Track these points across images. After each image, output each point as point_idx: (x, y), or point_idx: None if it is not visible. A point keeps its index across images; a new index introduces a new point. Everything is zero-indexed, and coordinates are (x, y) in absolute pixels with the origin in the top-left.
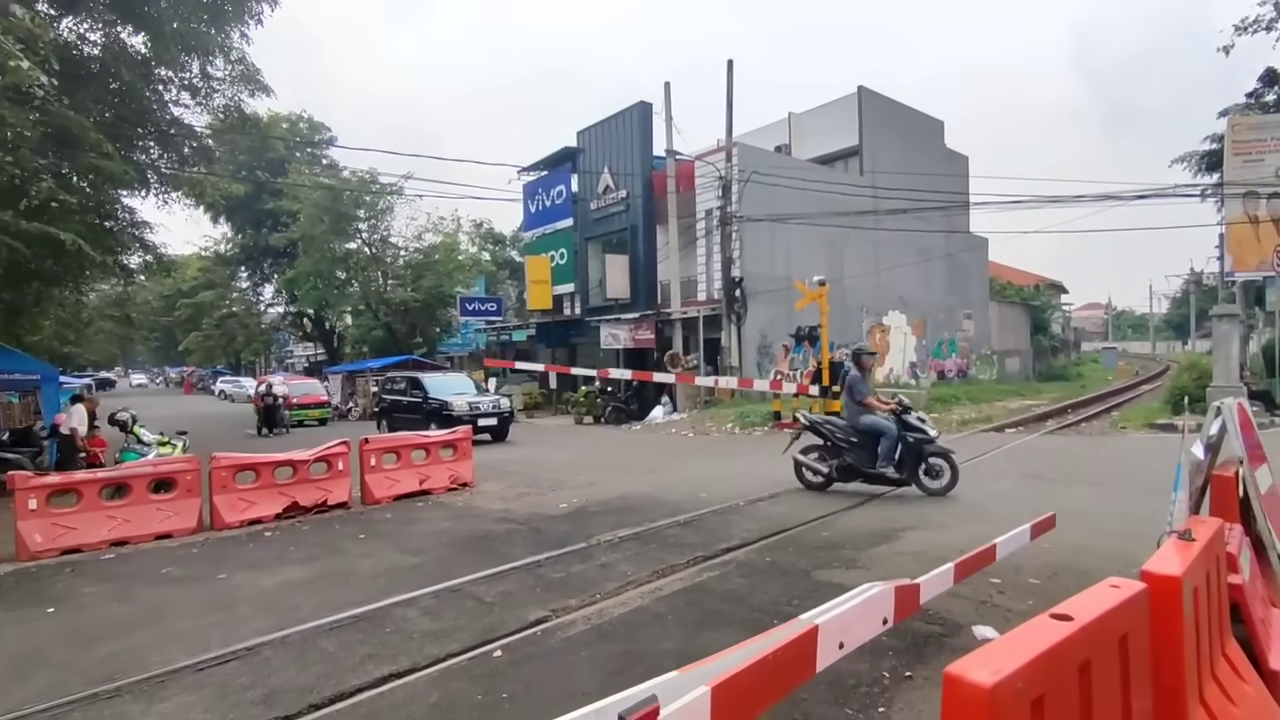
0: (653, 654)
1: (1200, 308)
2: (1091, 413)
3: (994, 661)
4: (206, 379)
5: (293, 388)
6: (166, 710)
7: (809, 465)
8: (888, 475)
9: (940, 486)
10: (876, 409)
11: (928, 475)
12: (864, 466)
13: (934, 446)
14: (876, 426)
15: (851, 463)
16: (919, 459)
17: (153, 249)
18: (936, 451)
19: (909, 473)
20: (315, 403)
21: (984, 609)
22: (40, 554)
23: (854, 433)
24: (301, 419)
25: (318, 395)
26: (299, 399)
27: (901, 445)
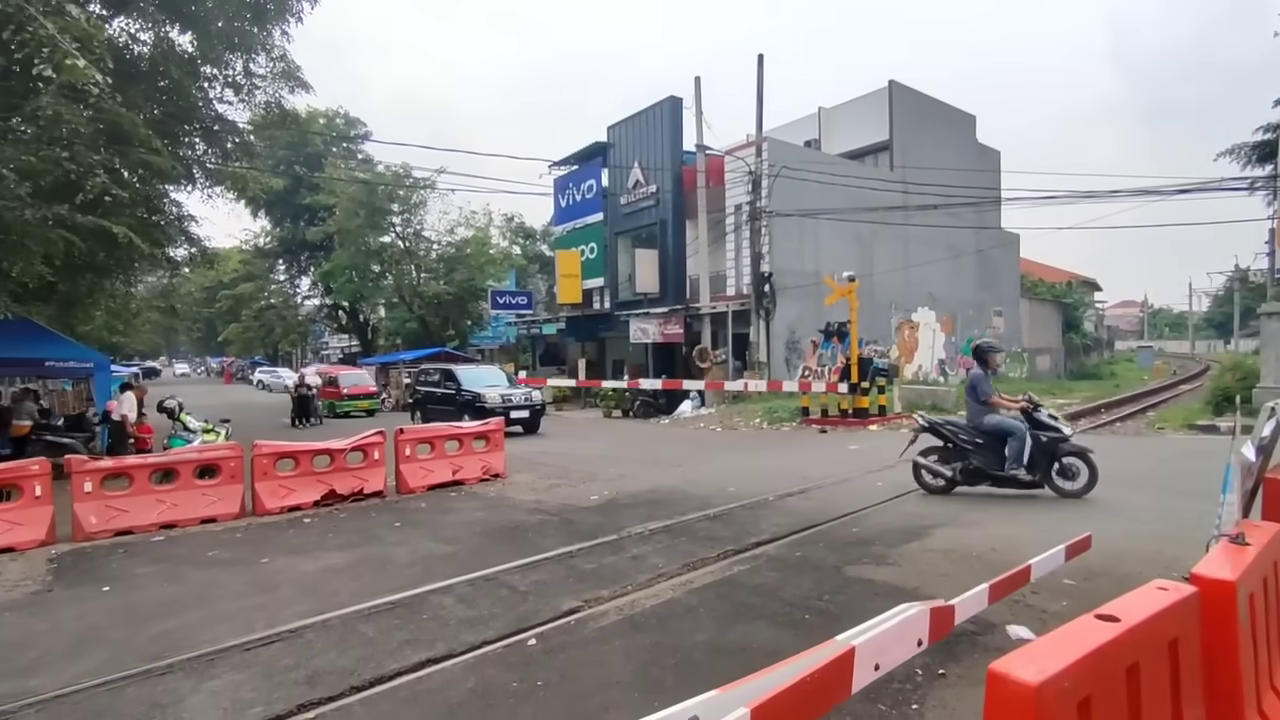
0: (685, 646)
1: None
2: (1126, 412)
3: (1039, 660)
4: (245, 369)
5: (343, 378)
6: (216, 688)
7: (929, 468)
8: (1019, 478)
9: (1077, 488)
10: (1003, 408)
11: (1062, 476)
12: (991, 469)
13: (1069, 445)
14: (1003, 426)
15: (979, 465)
16: (1052, 459)
17: (197, 242)
18: (1072, 450)
19: (1041, 474)
20: (365, 393)
21: (1017, 609)
22: (95, 535)
23: (978, 434)
24: (349, 409)
25: (367, 386)
26: (349, 389)
27: (1033, 445)
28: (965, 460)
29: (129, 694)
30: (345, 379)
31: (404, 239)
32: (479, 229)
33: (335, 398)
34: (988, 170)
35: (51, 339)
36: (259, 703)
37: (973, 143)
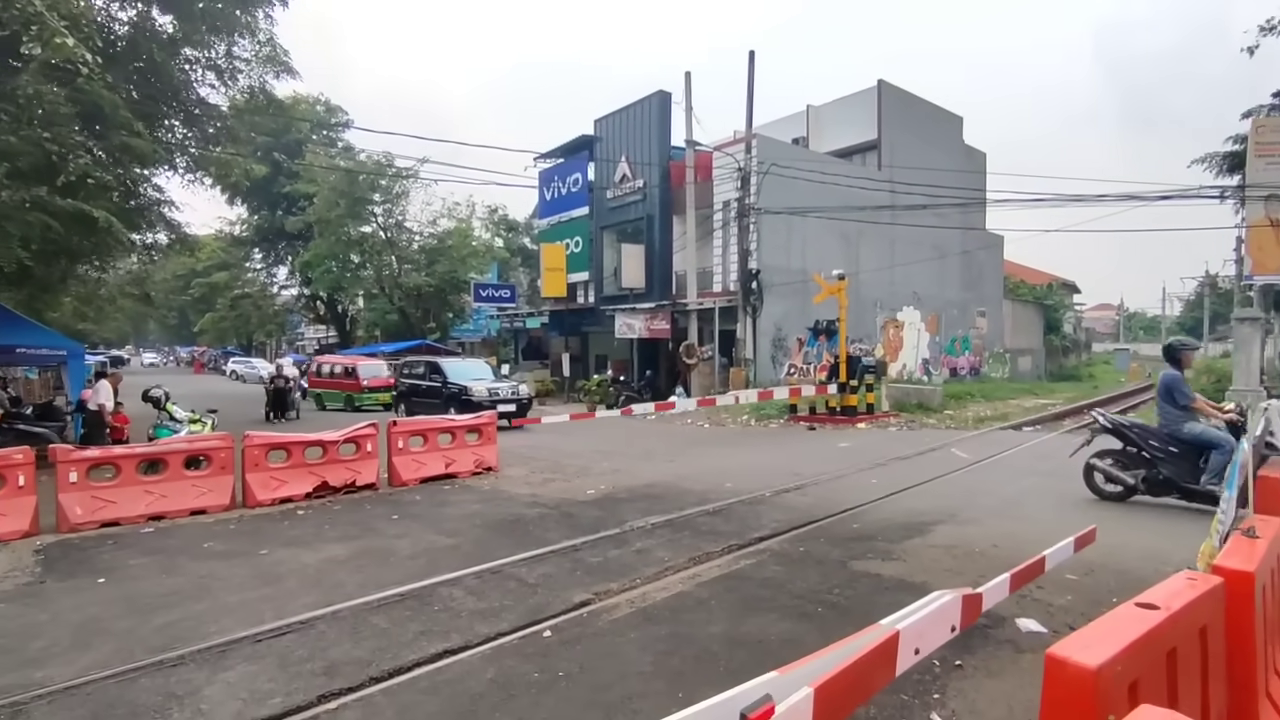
0: (701, 637)
1: (1214, 311)
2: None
3: (1092, 645)
4: (217, 359)
5: (363, 369)
6: (232, 679)
7: (1107, 472)
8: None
9: None
10: (1208, 415)
11: None
12: (1184, 481)
13: None
14: (1207, 438)
15: (1168, 476)
16: None
17: (176, 227)
18: None
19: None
20: (385, 385)
21: (1024, 603)
22: (80, 525)
23: (1173, 442)
24: (366, 403)
25: (386, 378)
26: (368, 381)
27: None
28: (1152, 469)
29: (142, 685)
30: (365, 370)
31: (385, 229)
32: (461, 220)
33: (354, 390)
34: (974, 171)
35: (23, 325)
36: (278, 693)
37: (959, 144)
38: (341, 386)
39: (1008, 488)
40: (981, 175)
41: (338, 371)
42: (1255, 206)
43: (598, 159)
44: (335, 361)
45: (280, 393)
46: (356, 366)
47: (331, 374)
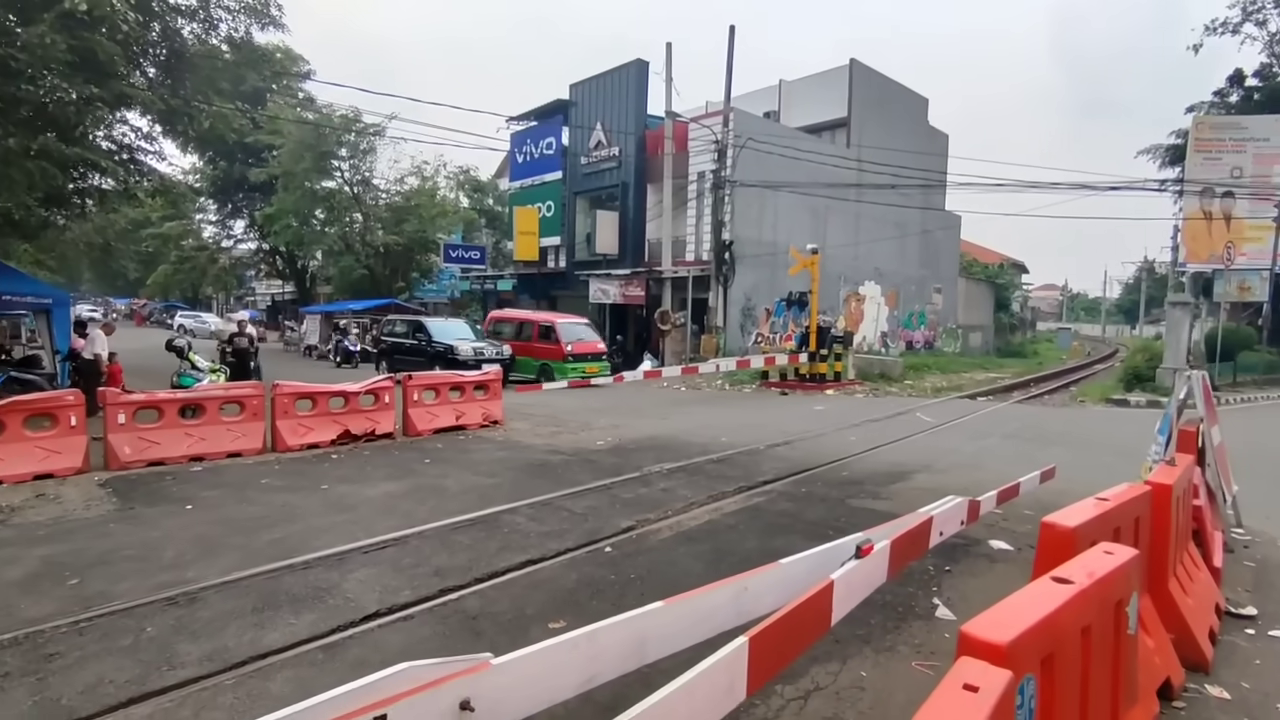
0: (739, 550)
1: (1150, 295)
2: (1052, 387)
3: (1075, 517)
4: (158, 312)
5: (565, 330)
6: (361, 577)
7: None
8: None
9: None
10: None
11: None
12: None
13: None
14: None
15: None
16: None
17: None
18: None
19: None
20: (595, 352)
21: (993, 530)
22: (129, 464)
23: None
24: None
25: (595, 342)
26: (573, 346)
27: None
28: None
29: (287, 581)
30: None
31: (351, 185)
32: (428, 179)
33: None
34: (936, 154)
35: (6, 272)
36: (404, 588)
37: (924, 125)
38: (532, 352)
39: (970, 446)
40: (943, 157)
41: (524, 333)
42: (1191, 199)
43: (572, 124)
44: (518, 318)
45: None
46: (555, 326)
47: (518, 335)
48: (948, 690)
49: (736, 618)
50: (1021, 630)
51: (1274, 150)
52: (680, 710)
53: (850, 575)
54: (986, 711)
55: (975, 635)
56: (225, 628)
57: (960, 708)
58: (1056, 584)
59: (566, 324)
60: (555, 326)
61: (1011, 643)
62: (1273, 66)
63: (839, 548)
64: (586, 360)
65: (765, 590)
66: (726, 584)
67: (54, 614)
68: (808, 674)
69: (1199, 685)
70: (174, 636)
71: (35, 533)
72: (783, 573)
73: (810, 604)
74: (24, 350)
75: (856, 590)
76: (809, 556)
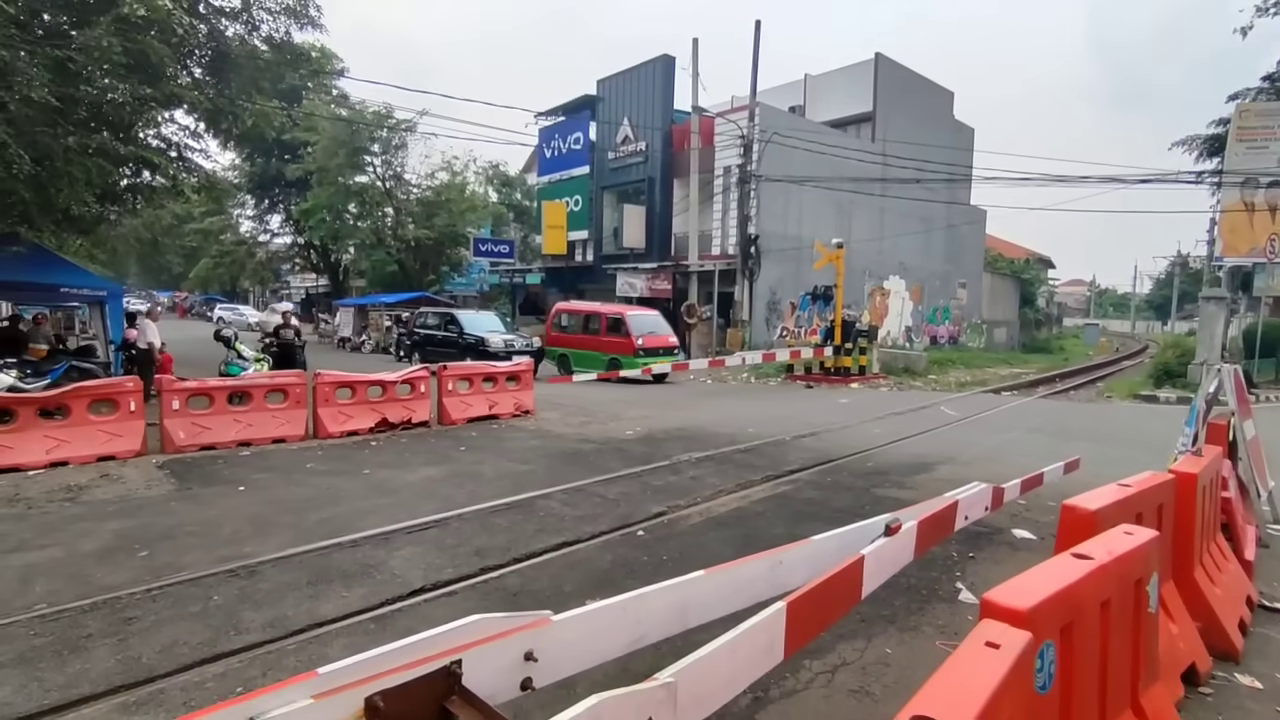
0: (767, 535)
1: (1183, 290)
2: (1078, 382)
3: (1096, 501)
4: (199, 305)
5: (635, 322)
6: (406, 555)
7: None
8: None
9: None
10: None
11: None
12: None
13: None
14: None
15: None
16: None
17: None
18: None
19: None
20: (665, 346)
21: (1016, 519)
22: (183, 448)
23: None
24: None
25: (667, 336)
26: (643, 340)
27: None
28: None
29: (336, 558)
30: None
31: (384, 180)
32: (458, 174)
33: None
34: (962, 148)
35: (64, 265)
36: (447, 566)
37: (950, 119)
38: (600, 346)
39: (992, 439)
40: (969, 151)
41: (590, 326)
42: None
43: (599, 120)
44: (585, 310)
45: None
46: (625, 318)
47: (584, 328)
48: (970, 647)
49: (771, 589)
50: (1042, 598)
51: None
52: (724, 665)
53: (880, 551)
54: (1007, 666)
55: (997, 601)
56: (284, 598)
57: (982, 662)
58: (1076, 559)
59: (637, 316)
60: (625, 319)
61: (1032, 609)
62: None
63: (868, 526)
64: (658, 354)
65: (798, 564)
66: (762, 557)
67: (128, 582)
68: (835, 650)
69: (1228, 674)
70: (238, 605)
71: (105, 509)
72: (815, 548)
73: (843, 575)
74: (78, 341)
75: (885, 566)
76: (840, 534)
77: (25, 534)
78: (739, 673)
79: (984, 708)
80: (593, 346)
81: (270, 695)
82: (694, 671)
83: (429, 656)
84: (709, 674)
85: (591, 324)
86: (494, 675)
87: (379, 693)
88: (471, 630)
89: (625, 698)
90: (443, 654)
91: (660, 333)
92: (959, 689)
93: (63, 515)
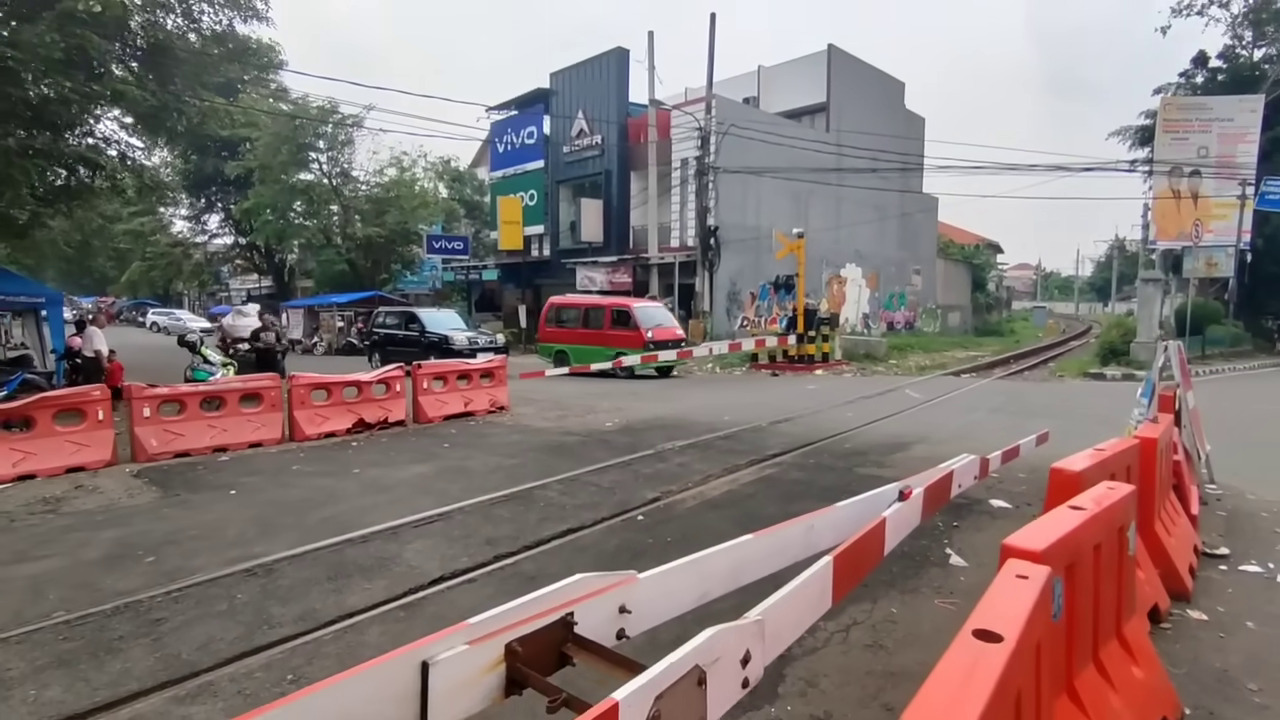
0: (763, 514)
1: (1122, 272)
2: (1031, 363)
3: (1079, 464)
4: (127, 310)
5: (643, 314)
6: (419, 548)
7: None
8: None
9: None
10: None
11: None
12: None
13: None
14: None
15: None
16: None
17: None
18: None
19: None
20: (674, 339)
21: (992, 490)
22: (156, 456)
23: None
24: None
25: (675, 329)
26: (653, 332)
27: None
28: None
29: (350, 554)
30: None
31: (330, 178)
32: (406, 169)
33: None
34: (913, 138)
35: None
36: (461, 556)
37: (901, 108)
38: (605, 340)
39: (959, 419)
40: (920, 141)
41: (592, 320)
42: (1160, 179)
43: (553, 113)
44: (585, 304)
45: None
46: (632, 311)
47: (585, 322)
48: (1004, 580)
49: (805, 550)
50: (1052, 541)
51: (1238, 130)
52: (792, 609)
53: (896, 515)
54: (1037, 592)
55: (1017, 545)
56: (308, 593)
57: (1018, 590)
58: (1073, 510)
59: (645, 308)
60: (632, 311)
61: (1047, 549)
62: (1235, 48)
63: (881, 495)
64: (667, 347)
65: (826, 528)
66: (797, 522)
67: (142, 587)
68: (845, 612)
69: (1181, 610)
70: (265, 601)
71: (94, 519)
72: (838, 514)
73: (870, 536)
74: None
75: (900, 528)
76: (858, 501)
77: (20, 546)
78: (803, 615)
79: (1025, 624)
80: (596, 341)
81: (434, 643)
82: (774, 612)
83: (547, 610)
84: (783, 615)
85: (593, 318)
86: (597, 625)
87: (516, 639)
88: (577, 587)
89: (731, 630)
90: (557, 608)
91: (668, 324)
92: (1004, 609)
93: (52, 526)
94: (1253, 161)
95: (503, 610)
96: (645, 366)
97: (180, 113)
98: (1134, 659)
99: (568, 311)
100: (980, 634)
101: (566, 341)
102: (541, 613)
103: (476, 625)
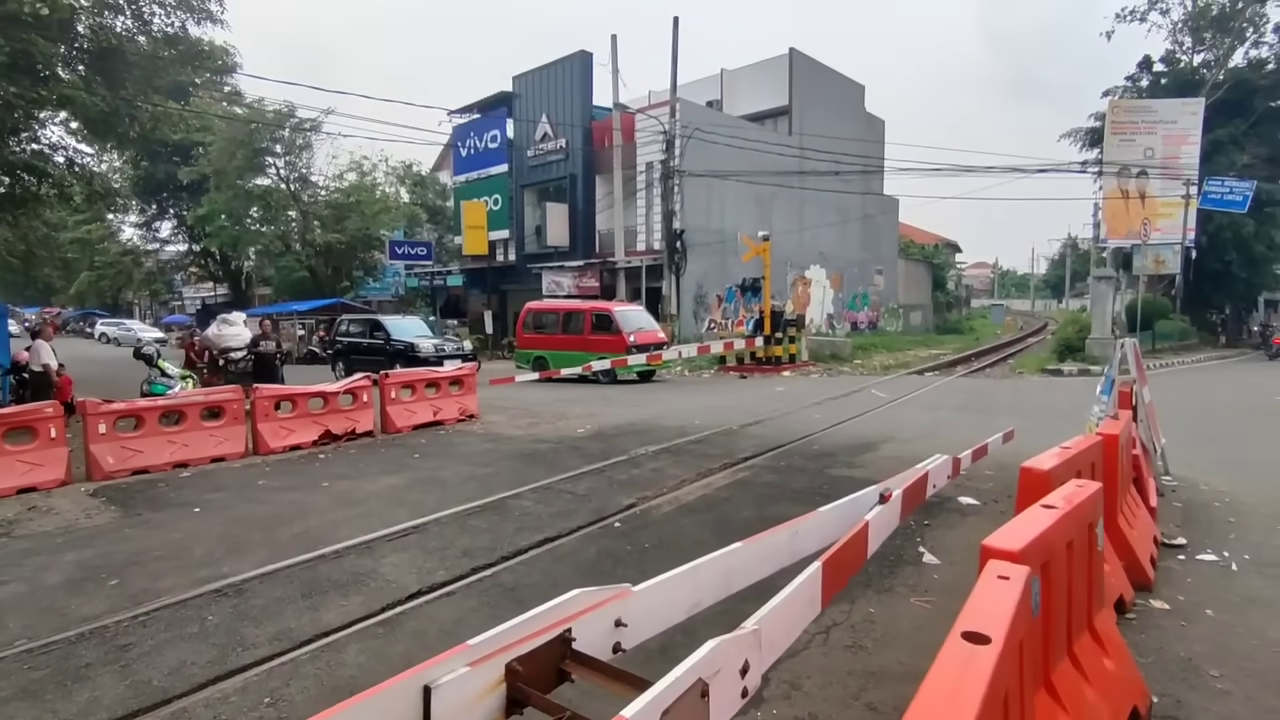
0: (739, 519)
1: (1074, 270)
2: (991, 361)
3: (1048, 462)
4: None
5: (624, 317)
6: (395, 561)
7: None
8: None
9: None
10: None
11: None
12: None
13: None
14: None
15: None
16: None
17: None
18: None
19: None
20: (656, 342)
21: (960, 488)
22: (113, 474)
23: None
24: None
25: (657, 333)
26: (635, 337)
27: None
28: None
29: (324, 569)
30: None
31: (288, 183)
32: (366, 174)
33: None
34: (874, 140)
35: None
36: (438, 569)
37: (862, 111)
38: (586, 346)
39: (925, 418)
40: (880, 144)
41: (572, 325)
42: (1110, 179)
43: (517, 117)
44: (564, 308)
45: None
46: (613, 314)
47: (564, 327)
48: (987, 581)
49: (791, 556)
50: (1029, 540)
51: (1181, 132)
52: (785, 616)
53: (878, 518)
54: (1019, 591)
55: (996, 545)
56: (282, 612)
57: (1001, 591)
58: (1045, 509)
59: (626, 312)
60: (613, 315)
61: (1024, 548)
62: (1176, 53)
63: (862, 498)
64: (649, 351)
65: (810, 532)
66: (782, 528)
67: (107, 611)
68: (825, 614)
69: (1144, 600)
70: (237, 622)
71: (53, 541)
72: (822, 519)
73: (855, 540)
74: None
75: (882, 530)
76: (840, 505)
77: None
78: (795, 622)
79: (1009, 625)
80: (577, 347)
81: (434, 667)
82: (769, 621)
83: (545, 628)
84: (777, 623)
85: (573, 323)
86: (593, 639)
87: (516, 659)
88: (574, 603)
89: (731, 640)
90: (554, 625)
91: (649, 328)
92: (989, 610)
93: (8, 550)
94: (1195, 163)
95: (501, 630)
96: (628, 370)
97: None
98: (1105, 651)
99: (546, 316)
100: (969, 636)
101: (545, 347)
102: (539, 630)
103: (476, 646)
